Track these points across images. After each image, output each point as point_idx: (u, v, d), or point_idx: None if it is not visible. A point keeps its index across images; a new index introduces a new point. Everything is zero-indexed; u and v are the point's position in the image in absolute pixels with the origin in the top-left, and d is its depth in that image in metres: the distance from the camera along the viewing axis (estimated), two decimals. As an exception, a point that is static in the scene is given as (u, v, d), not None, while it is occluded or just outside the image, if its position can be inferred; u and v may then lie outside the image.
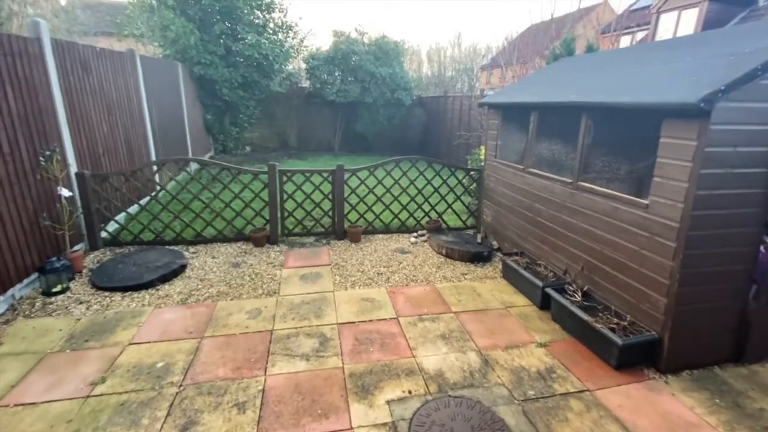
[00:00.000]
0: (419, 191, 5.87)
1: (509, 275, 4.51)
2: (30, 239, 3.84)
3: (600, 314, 3.31)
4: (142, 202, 5.31)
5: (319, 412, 2.55)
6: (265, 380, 2.82)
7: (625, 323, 3.16)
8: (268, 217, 5.40)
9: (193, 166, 8.45)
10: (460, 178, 5.95)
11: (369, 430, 2.41)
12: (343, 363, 3.04)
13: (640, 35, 18.17)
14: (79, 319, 3.54)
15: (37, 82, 4.03)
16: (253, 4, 10.66)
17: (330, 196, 5.56)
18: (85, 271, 4.39)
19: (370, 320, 3.67)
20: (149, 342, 3.25)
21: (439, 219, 6.00)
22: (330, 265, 4.84)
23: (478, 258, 5.02)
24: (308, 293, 4.15)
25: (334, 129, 14.43)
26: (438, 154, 13.33)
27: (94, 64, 5.17)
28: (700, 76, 2.80)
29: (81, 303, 3.79)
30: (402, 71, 13.08)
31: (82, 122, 4.86)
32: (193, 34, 9.09)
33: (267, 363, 3.01)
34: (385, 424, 2.46)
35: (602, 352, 3.16)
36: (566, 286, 3.76)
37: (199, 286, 4.22)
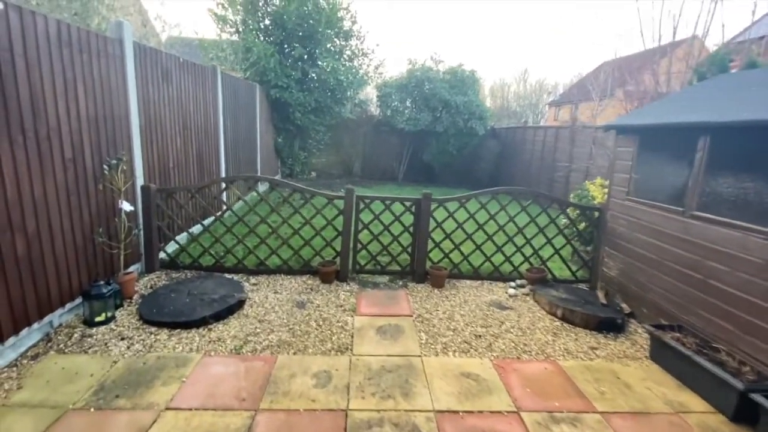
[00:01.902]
0: (519, 230, 4.79)
1: (665, 359, 3.22)
2: (81, 257, 3.35)
3: None
4: (206, 222, 4.82)
5: None
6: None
7: None
8: (338, 249, 4.61)
9: (261, 188, 8.12)
10: (573, 217, 4.79)
11: None
12: (455, 490, 1.99)
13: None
14: (115, 362, 2.87)
15: (114, 86, 3.69)
16: (332, 32, 10.63)
17: (411, 230, 4.67)
18: (136, 296, 3.84)
19: (480, 411, 2.60)
20: (190, 409, 2.46)
21: (544, 267, 4.82)
22: (411, 316, 3.87)
23: (610, 326, 3.77)
24: (389, 355, 3.19)
25: (400, 158, 13.86)
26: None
27: (175, 75, 4.92)
28: None
29: (123, 339, 3.16)
30: (477, 99, 12.31)
31: (156, 133, 4.52)
32: (273, 57, 9.08)
33: (343, 472, 2.06)
34: None
35: None
36: (791, 395, 2.43)
37: (258, 330, 3.45)
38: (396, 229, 4.73)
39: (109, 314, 3.35)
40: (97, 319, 3.28)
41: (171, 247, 4.72)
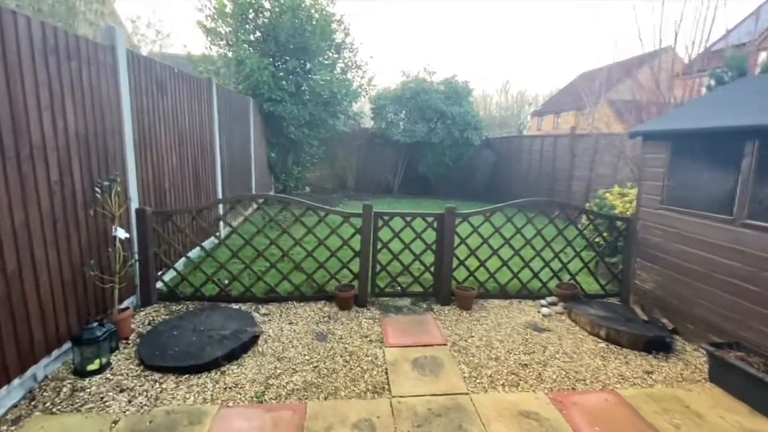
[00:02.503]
0: (547, 243, 4.52)
1: (729, 381, 2.95)
2: (69, 295, 2.88)
3: None
4: (208, 247, 4.37)
5: None
6: None
7: None
8: (356, 271, 4.24)
9: (267, 207, 7.67)
10: (601, 229, 4.56)
11: None
12: None
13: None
14: (116, 422, 2.40)
15: (105, 98, 3.28)
16: (325, 45, 10.38)
17: (434, 247, 4.34)
18: (133, 336, 3.35)
19: (553, 461, 2.25)
20: (214, 481, 2.02)
21: (573, 282, 4.55)
22: (446, 345, 3.50)
23: (659, 346, 3.49)
24: (433, 395, 2.81)
25: (395, 170, 13.62)
26: (510, 198, 11.95)
27: (171, 86, 4.52)
28: None
29: (122, 391, 2.68)
30: (472, 110, 12.23)
31: (151, 150, 4.09)
32: (267, 70, 8.74)
33: None
34: None
35: None
36: None
37: (278, 370, 3.02)
38: (417, 247, 4.38)
39: (104, 360, 2.87)
40: (90, 367, 2.79)
41: (168, 275, 4.25)
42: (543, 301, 4.41)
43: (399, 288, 4.40)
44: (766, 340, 3.00)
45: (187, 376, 2.89)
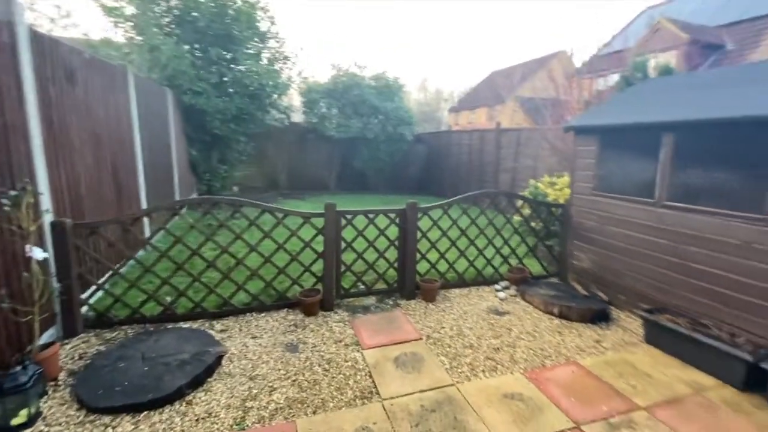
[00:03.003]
0: (498, 232, 4.81)
1: (661, 340, 3.45)
2: (-26, 337, 2.27)
3: None
4: (144, 259, 3.79)
5: None
6: None
7: None
8: (319, 274, 4.05)
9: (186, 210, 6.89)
10: (527, 215, 4.97)
11: None
12: None
13: (613, 79, 19.19)
14: (63, 484, 1.97)
15: (4, 87, 2.63)
16: (248, 34, 9.65)
17: (397, 243, 4.33)
18: (62, 376, 2.78)
19: (546, 436, 2.40)
20: None
21: (522, 266, 4.91)
22: (421, 339, 3.53)
23: (601, 317, 3.95)
24: (422, 391, 2.81)
25: (330, 167, 13.33)
26: (443, 190, 12.53)
27: (81, 75, 3.80)
28: None
29: (63, 445, 2.21)
30: (404, 105, 12.47)
31: (63, 150, 3.41)
32: (185, 58, 7.85)
33: None
34: None
35: None
36: (790, 359, 2.74)
37: (254, 390, 2.76)
38: (381, 244, 4.33)
39: (33, 410, 2.33)
40: (15, 421, 2.25)
41: (96, 298, 3.61)
42: (497, 286, 4.69)
43: (364, 287, 4.31)
44: (688, 303, 3.56)
45: (146, 413, 2.49)
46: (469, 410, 2.62)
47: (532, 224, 4.96)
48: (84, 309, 3.46)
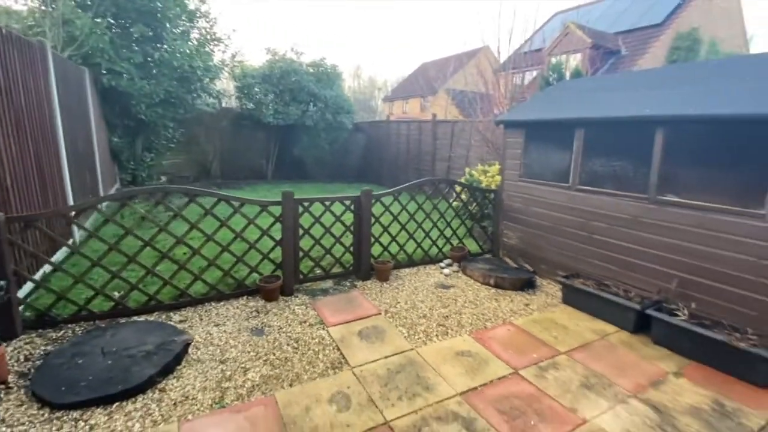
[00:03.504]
0: (441, 215, 5.29)
1: (575, 299, 4.19)
2: None
3: (719, 331, 3.14)
4: (90, 253, 3.56)
5: None
6: None
7: (753, 338, 3.03)
8: (278, 261, 4.16)
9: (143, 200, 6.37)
10: (465, 200, 5.55)
11: None
12: (525, 454, 2.22)
13: (530, 75, 21.10)
14: (44, 477, 1.96)
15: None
16: (176, 11, 8.94)
17: (352, 228, 4.59)
18: (12, 378, 2.62)
19: (491, 381, 2.89)
20: (213, 491, 1.93)
21: (462, 245, 5.47)
22: (380, 314, 3.87)
23: (529, 284, 4.63)
24: (386, 357, 3.15)
25: (268, 154, 12.96)
26: (382, 179, 12.95)
27: (-2, 53, 3.40)
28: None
29: (32, 443, 2.16)
30: (343, 94, 12.53)
31: (-16, 137, 3.08)
32: (105, 35, 7.10)
33: (430, 481, 2.01)
34: None
35: (743, 372, 2.95)
36: (664, 305, 3.57)
37: (227, 372, 2.87)
38: (337, 230, 4.55)
39: (-12, 415, 2.22)
40: (-29, 427, 2.13)
41: (35, 296, 3.35)
42: (442, 264, 5.19)
43: (322, 271, 4.51)
44: (594, 268, 4.34)
45: (118, 404, 2.49)
46: (428, 368, 3.02)
47: (470, 208, 5.53)
48: (20, 309, 3.20)
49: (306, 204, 4.21)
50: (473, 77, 11.96)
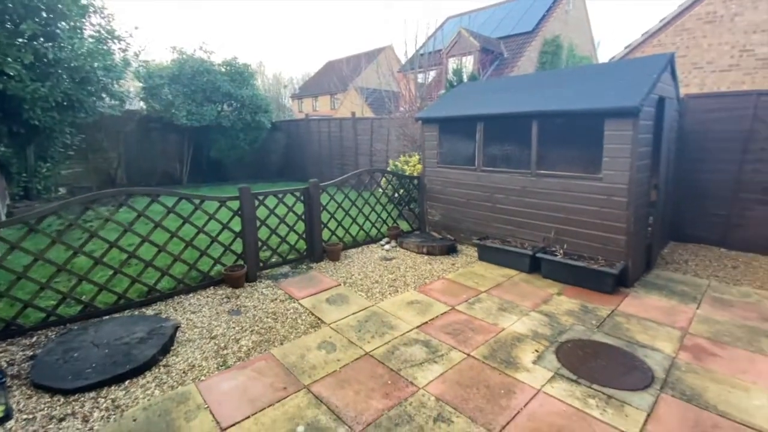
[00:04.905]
0: (378, 200, 6.12)
1: (487, 255, 5.38)
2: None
3: (582, 261, 4.53)
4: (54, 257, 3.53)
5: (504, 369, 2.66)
6: (427, 392, 2.67)
7: (602, 262, 4.46)
8: (239, 251, 4.55)
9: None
10: (408, 186, 6.51)
11: (544, 374, 2.72)
12: (470, 352, 3.15)
13: (431, 74, 23.16)
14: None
15: None
16: (66, 3, 8.14)
17: (304, 217, 5.14)
18: (7, 380, 2.71)
19: (437, 316, 3.81)
20: (247, 417, 2.46)
21: (396, 225, 6.38)
22: (340, 285, 4.55)
23: (452, 250, 5.72)
24: (354, 313, 3.87)
25: (181, 158, 12.39)
26: (307, 175, 13.35)
27: None
28: (620, 92, 4.37)
29: (62, 420, 2.41)
30: (260, 93, 12.55)
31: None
32: (-14, 32, 6.32)
33: (408, 379, 2.82)
34: (552, 372, 2.81)
35: (597, 285, 4.34)
36: (547, 249, 4.90)
37: (221, 344, 3.30)
38: (290, 219, 5.06)
39: (5, 406, 2.39)
40: (-2, 415, 2.30)
41: (-10, 311, 3.29)
42: (382, 242, 6.04)
43: (280, 258, 4.99)
44: (498, 231, 5.58)
45: (128, 381, 2.80)
46: (389, 315, 3.82)
47: (400, 192, 6.46)
48: (-20, 324, 3.16)
49: (261, 197, 4.65)
50: (385, 77, 13.02)
